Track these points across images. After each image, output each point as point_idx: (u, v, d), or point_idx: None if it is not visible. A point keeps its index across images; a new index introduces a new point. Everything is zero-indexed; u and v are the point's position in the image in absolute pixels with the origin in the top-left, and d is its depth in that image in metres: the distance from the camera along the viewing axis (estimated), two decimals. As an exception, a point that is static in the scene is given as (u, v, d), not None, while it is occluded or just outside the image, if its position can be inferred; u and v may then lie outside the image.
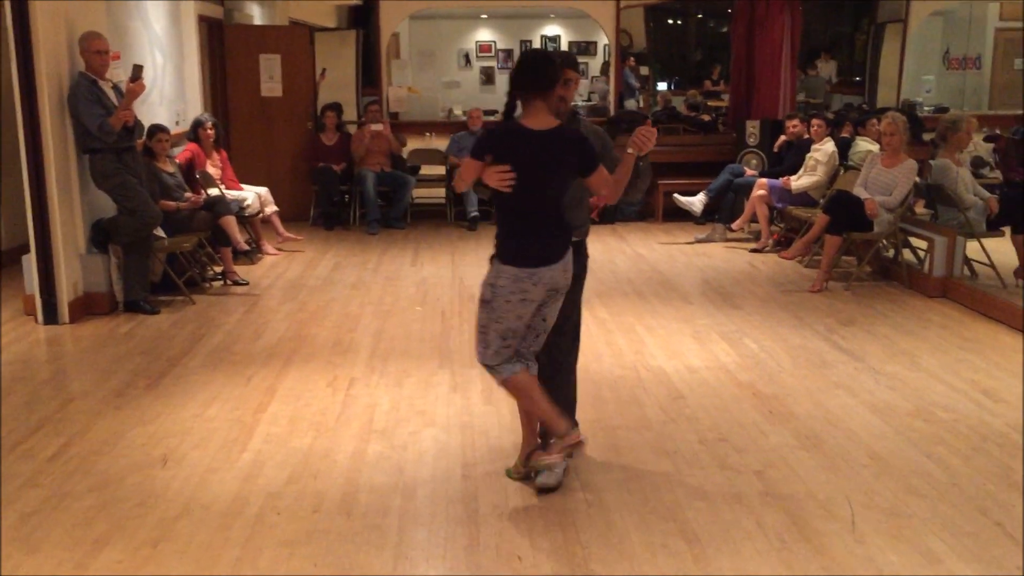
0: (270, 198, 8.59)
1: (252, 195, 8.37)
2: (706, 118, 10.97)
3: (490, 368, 3.65)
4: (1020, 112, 11.19)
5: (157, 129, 7.00)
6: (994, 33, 12.06)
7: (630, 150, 3.63)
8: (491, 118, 7.13)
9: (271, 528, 3.42)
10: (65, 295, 6.13)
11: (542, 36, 17.33)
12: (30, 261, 6.12)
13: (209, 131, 8.01)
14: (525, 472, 3.79)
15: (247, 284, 7.28)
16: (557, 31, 17.32)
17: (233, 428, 4.37)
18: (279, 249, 8.53)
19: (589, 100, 13.32)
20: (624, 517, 3.49)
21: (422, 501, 3.64)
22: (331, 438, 4.25)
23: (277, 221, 8.58)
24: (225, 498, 3.65)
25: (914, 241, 7.44)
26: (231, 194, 8.08)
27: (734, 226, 8.86)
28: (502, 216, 3.59)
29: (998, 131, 9.90)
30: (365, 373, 5.17)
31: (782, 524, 3.43)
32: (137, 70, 6.12)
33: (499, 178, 3.41)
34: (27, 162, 5.94)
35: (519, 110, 3.55)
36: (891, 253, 7.49)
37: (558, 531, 3.39)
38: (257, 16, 11.12)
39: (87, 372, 5.21)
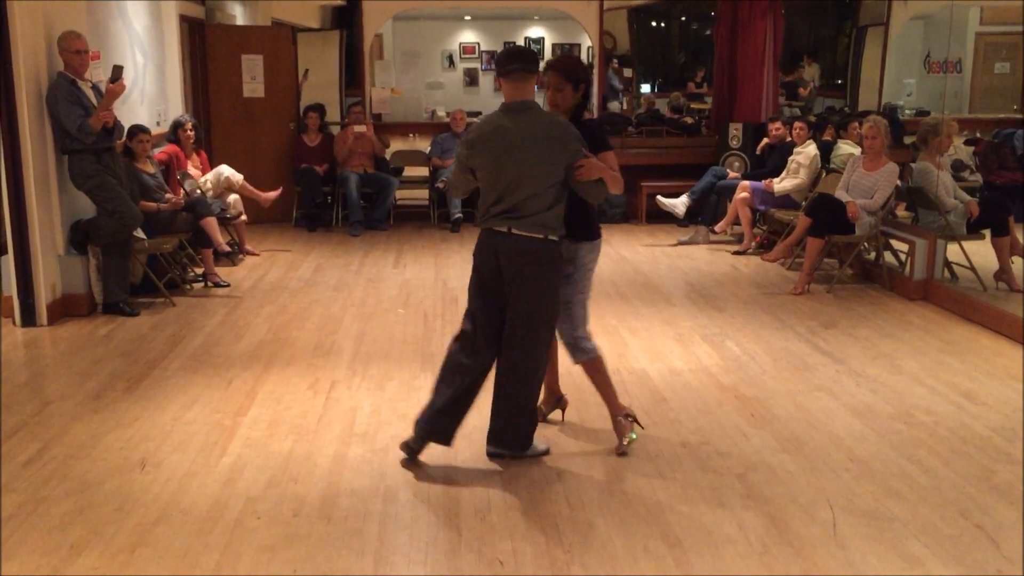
0: (233, 173, 8.37)
1: (226, 168, 8.22)
2: (689, 120, 10.98)
3: (581, 346, 4.02)
4: (1000, 116, 11.27)
5: (137, 130, 6.94)
6: (975, 37, 12.14)
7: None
8: (474, 119, 7.09)
9: (251, 533, 3.39)
10: (43, 297, 6.07)
11: (526, 38, 17.32)
12: (8, 262, 6.06)
13: (189, 132, 7.96)
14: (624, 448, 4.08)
15: (228, 286, 7.23)
16: (540, 33, 17.31)
17: (213, 432, 4.33)
18: (255, 250, 8.46)
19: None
20: (606, 520, 3.49)
21: (403, 505, 3.62)
22: (312, 442, 4.22)
23: (249, 187, 8.40)
24: (204, 502, 3.62)
25: (895, 244, 7.48)
26: (210, 175, 8.03)
27: (717, 228, 8.88)
28: (571, 198, 3.87)
29: (978, 134, 9.97)
30: (347, 376, 5.14)
31: (763, 527, 3.43)
32: (117, 71, 6.07)
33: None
34: (5, 162, 5.87)
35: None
36: (872, 256, 7.53)
37: (540, 535, 3.38)
38: (239, 16, 11.06)
39: (65, 375, 5.16)
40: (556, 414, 4.48)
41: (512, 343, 3.87)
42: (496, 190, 3.79)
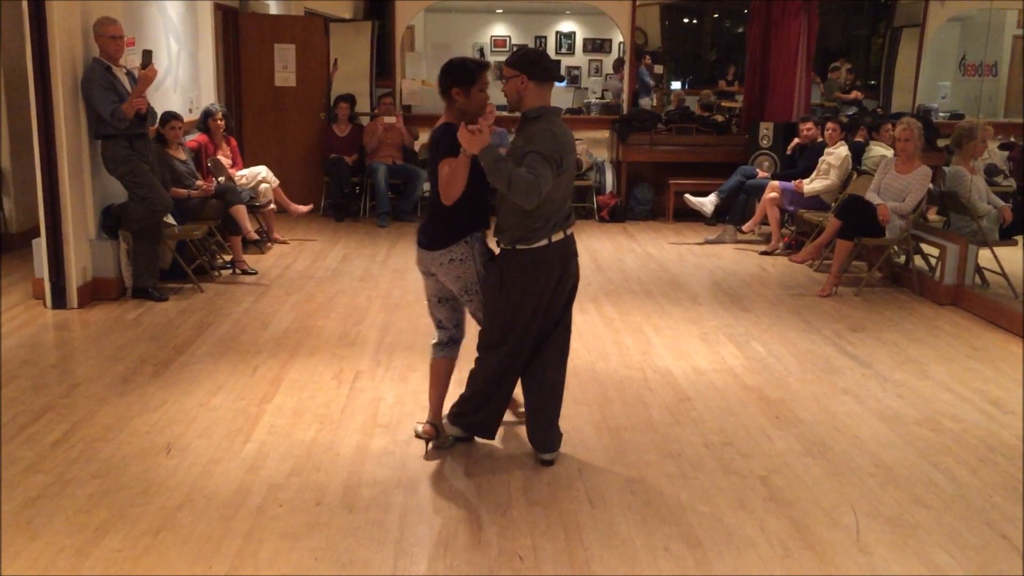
0: (271, 176, 8.50)
1: (264, 169, 8.37)
2: (719, 119, 10.92)
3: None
4: (1036, 121, 11.10)
5: (170, 116, 7.00)
6: (1012, 40, 11.98)
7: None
8: (504, 113, 7.08)
9: (273, 520, 3.41)
10: (74, 280, 6.14)
11: (557, 32, 17.30)
12: (40, 245, 6.13)
13: (219, 121, 8.00)
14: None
15: (256, 274, 7.28)
16: (572, 27, 17.28)
17: (237, 418, 4.36)
18: (284, 239, 8.53)
19: (603, 98, 13.26)
20: (627, 519, 3.48)
21: (424, 497, 3.63)
22: (335, 431, 4.24)
23: (282, 195, 8.53)
24: (227, 488, 3.65)
25: (926, 248, 7.39)
26: (247, 172, 8.12)
27: (745, 228, 8.82)
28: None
29: (1013, 139, 9.83)
30: (371, 366, 5.16)
31: (786, 531, 3.41)
32: (147, 55, 6.12)
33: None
34: (39, 146, 5.94)
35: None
36: (902, 259, 7.45)
37: (560, 532, 3.38)
38: (273, 5, 11.11)
39: (93, 358, 5.22)
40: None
41: (560, 340, 3.91)
42: (562, 196, 3.76)
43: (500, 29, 17.28)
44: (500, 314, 3.80)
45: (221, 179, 7.55)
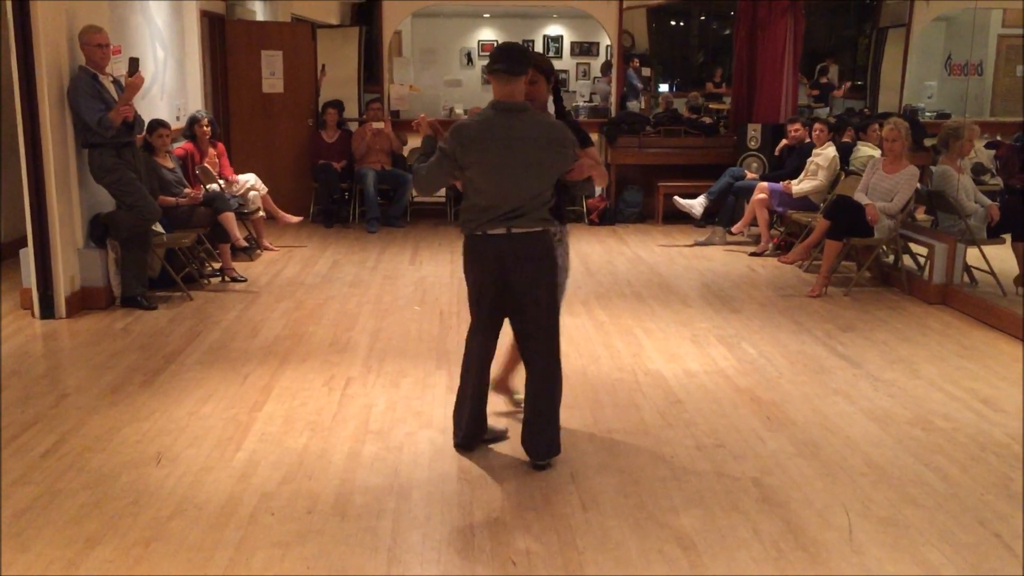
0: (260, 184, 8.48)
1: (253, 177, 8.35)
2: (707, 120, 10.95)
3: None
4: (1021, 119, 11.17)
5: (157, 124, 6.98)
6: (997, 40, 12.05)
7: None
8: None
9: (265, 529, 3.40)
10: (62, 289, 6.11)
11: (544, 36, 17.30)
12: (28, 255, 6.10)
13: (205, 128, 7.97)
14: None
15: (245, 281, 7.26)
16: (560, 31, 17.29)
17: (228, 427, 4.35)
18: (273, 246, 8.51)
19: (591, 101, 13.29)
20: (620, 522, 3.47)
21: (417, 503, 3.62)
22: (326, 438, 4.23)
23: (271, 203, 8.52)
24: (219, 498, 3.63)
25: (914, 247, 7.42)
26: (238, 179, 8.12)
27: (734, 229, 8.84)
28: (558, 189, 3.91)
29: (999, 138, 9.88)
30: (362, 373, 5.15)
31: (779, 532, 3.42)
32: (134, 63, 6.11)
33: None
34: (26, 155, 5.91)
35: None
36: (891, 259, 7.48)
37: (553, 535, 3.37)
38: (259, 12, 11.09)
39: (83, 367, 5.19)
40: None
41: (538, 349, 3.88)
42: (492, 191, 3.72)
43: (488, 34, 17.28)
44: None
45: (211, 186, 7.53)
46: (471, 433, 4.07)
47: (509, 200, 3.72)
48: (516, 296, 3.81)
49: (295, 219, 8.65)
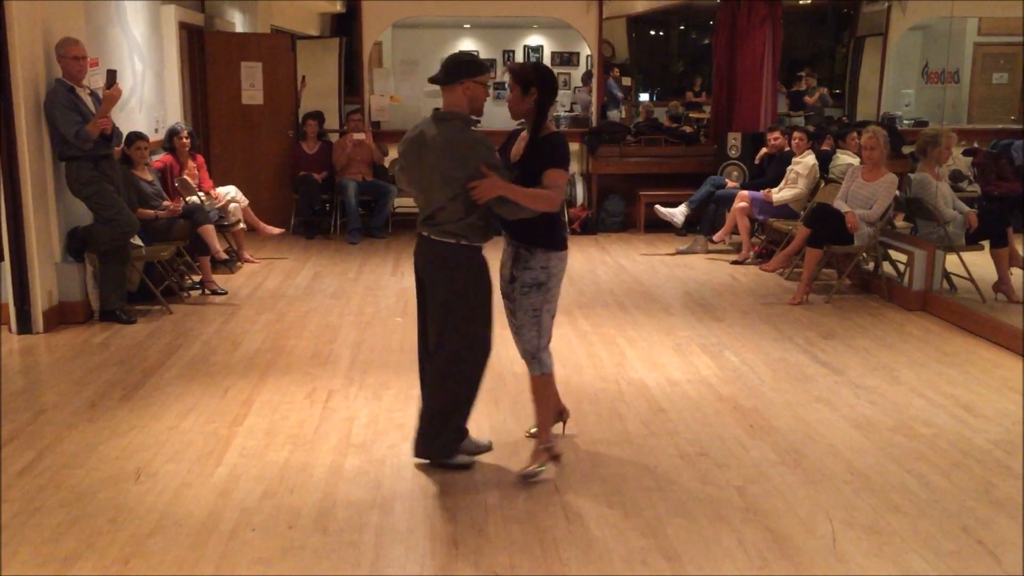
0: (240, 196, 8.45)
1: (233, 189, 8.32)
2: (688, 129, 10.99)
3: (540, 358, 3.90)
4: (998, 126, 11.29)
5: (136, 136, 6.93)
6: (973, 48, 12.18)
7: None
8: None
9: (246, 545, 3.36)
10: (40, 304, 6.05)
11: (525, 46, 17.35)
12: (4, 269, 6.03)
13: (184, 140, 7.93)
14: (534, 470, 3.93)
15: (225, 294, 7.21)
16: (540, 41, 17.34)
17: (208, 441, 4.30)
18: (253, 258, 8.46)
19: (571, 111, 13.31)
20: (604, 533, 3.46)
21: (400, 516, 3.59)
22: (308, 452, 4.20)
23: (252, 215, 8.48)
24: (199, 514, 3.59)
25: (894, 254, 7.47)
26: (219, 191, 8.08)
27: (715, 238, 8.86)
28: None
29: (976, 145, 9.98)
30: (344, 385, 5.12)
31: (763, 541, 3.41)
32: (111, 75, 6.06)
33: None
34: (2, 169, 5.85)
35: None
36: (871, 266, 7.52)
37: (537, 547, 3.35)
38: (239, 23, 11.05)
39: (61, 383, 5.13)
40: (557, 427, 4.41)
41: (432, 351, 3.98)
42: (413, 195, 3.94)
43: (468, 44, 17.30)
44: None
45: (191, 199, 7.48)
46: (417, 437, 4.04)
47: (422, 206, 3.89)
48: (427, 297, 3.98)
49: (276, 231, 8.63)
